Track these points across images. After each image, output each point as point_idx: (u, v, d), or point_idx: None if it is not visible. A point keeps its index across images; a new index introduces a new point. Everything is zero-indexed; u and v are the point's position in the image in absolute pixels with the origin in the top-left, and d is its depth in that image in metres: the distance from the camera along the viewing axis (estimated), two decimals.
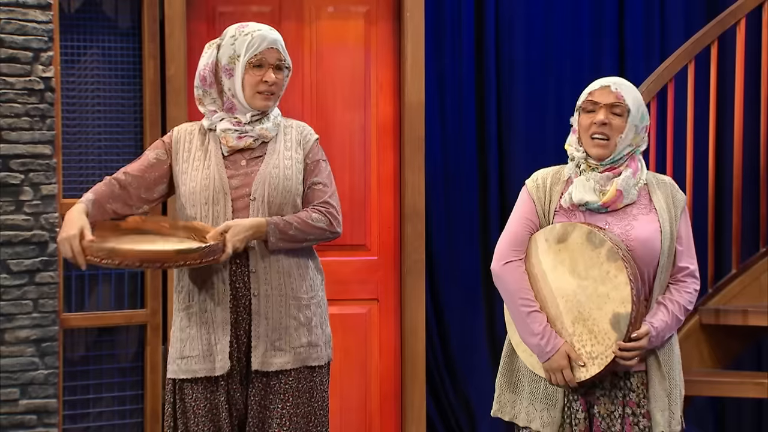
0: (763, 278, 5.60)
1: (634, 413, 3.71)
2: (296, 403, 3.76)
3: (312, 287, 3.82)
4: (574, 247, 3.69)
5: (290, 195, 3.76)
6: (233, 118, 3.79)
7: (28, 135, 5.10)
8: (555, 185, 3.79)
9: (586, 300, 3.67)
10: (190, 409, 3.76)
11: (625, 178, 3.72)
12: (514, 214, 3.84)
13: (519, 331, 3.77)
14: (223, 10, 5.71)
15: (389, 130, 5.90)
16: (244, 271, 3.74)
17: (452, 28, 6.21)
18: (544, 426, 3.75)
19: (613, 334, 3.63)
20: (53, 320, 5.15)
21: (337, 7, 5.84)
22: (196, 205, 3.76)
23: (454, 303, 6.21)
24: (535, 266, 3.75)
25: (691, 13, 6.46)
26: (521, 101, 6.29)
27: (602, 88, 3.74)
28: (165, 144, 3.86)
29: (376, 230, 5.88)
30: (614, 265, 3.62)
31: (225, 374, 3.74)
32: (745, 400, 6.33)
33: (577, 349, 3.67)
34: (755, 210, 5.89)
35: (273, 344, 3.73)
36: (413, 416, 5.88)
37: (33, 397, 5.11)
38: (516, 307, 3.74)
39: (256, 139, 3.78)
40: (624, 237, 3.70)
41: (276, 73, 3.77)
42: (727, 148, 6.11)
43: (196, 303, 3.76)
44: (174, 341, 3.81)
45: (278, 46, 3.78)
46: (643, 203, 3.77)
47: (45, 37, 5.12)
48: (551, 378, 3.70)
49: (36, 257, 5.11)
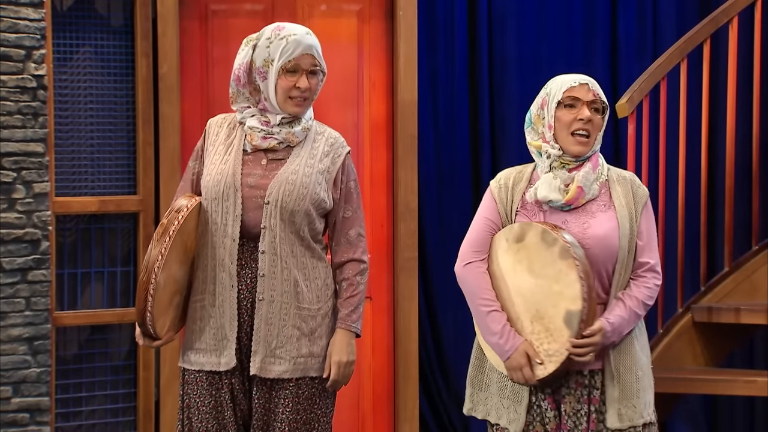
0: (755, 276, 5.61)
1: (598, 410, 3.73)
2: (296, 409, 3.75)
3: (319, 298, 3.79)
4: (531, 246, 3.71)
5: (304, 203, 3.73)
6: (263, 117, 3.77)
7: (21, 133, 5.09)
8: (517, 184, 3.81)
9: (542, 298, 3.70)
10: (194, 404, 3.76)
11: (584, 174, 3.74)
12: (477, 216, 3.87)
13: (480, 331, 3.82)
14: (215, 8, 5.70)
15: (382, 129, 5.90)
16: (252, 273, 3.74)
17: (445, 26, 6.22)
18: (510, 422, 3.77)
19: (566, 331, 3.66)
20: (46, 318, 5.14)
21: (330, 6, 5.84)
22: (208, 200, 3.75)
23: (447, 301, 6.21)
24: (497, 266, 3.79)
25: (684, 11, 6.47)
26: (514, 99, 6.29)
27: (581, 85, 3.75)
28: (199, 145, 3.87)
29: (369, 228, 5.88)
30: (566, 263, 3.65)
31: (229, 372, 3.74)
32: (737, 397, 6.34)
33: (536, 347, 3.70)
34: (747, 208, 5.90)
35: (273, 351, 3.73)
36: (406, 415, 5.89)
37: (25, 395, 5.11)
38: (476, 307, 3.79)
39: (281, 142, 3.76)
40: (581, 235, 3.71)
41: (310, 78, 3.75)
42: (719, 146, 6.11)
43: (206, 296, 3.76)
44: (186, 331, 3.82)
45: (313, 52, 3.76)
46: (603, 200, 3.78)
47: (37, 35, 5.11)
48: (512, 376, 3.74)
49: (28, 255, 5.11)
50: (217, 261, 3.73)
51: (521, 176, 3.83)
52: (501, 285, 3.78)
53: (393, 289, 5.92)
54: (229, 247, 3.72)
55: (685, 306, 5.58)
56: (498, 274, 3.78)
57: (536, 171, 3.81)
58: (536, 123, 3.81)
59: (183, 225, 3.68)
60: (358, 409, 5.90)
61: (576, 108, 3.73)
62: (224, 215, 3.73)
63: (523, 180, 3.81)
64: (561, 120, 3.74)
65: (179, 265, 3.73)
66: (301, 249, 3.75)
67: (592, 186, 3.75)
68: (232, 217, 3.72)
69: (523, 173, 3.84)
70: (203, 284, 3.77)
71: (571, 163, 3.75)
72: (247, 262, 3.73)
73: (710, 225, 6.08)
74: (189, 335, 3.81)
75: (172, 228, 3.66)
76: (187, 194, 3.81)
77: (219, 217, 3.73)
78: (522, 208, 3.78)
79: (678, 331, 5.52)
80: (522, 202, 3.79)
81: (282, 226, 3.72)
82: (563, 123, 3.74)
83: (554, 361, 3.68)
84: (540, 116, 3.80)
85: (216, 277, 3.74)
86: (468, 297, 3.83)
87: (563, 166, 3.75)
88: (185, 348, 3.81)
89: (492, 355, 3.81)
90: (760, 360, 6.47)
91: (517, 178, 3.83)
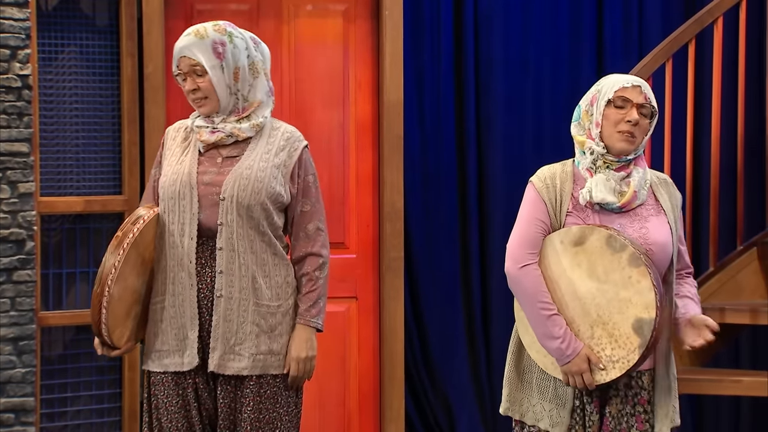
0: (740, 276, 5.62)
1: (645, 411, 3.72)
2: (259, 408, 3.74)
3: (279, 295, 3.80)
4: (592, 250, 3.65)
5: (259, 197, 3.73)
6: (208, 117, 3.81)
7: (6, 133, 5.08)
8: (564, 184, 3.74)
9: (606, 303, 3.64)
10: (162, 405, 3.76)
11: (639, 179, 3.71)
12: (525, 215, 3.77)
13: (537, 334, 3.72)
14: (201, 8, 5.70)
15: (368, 129, 5.90)
16: (212, 271, 3.74)
17: (431, 26, 6.22)
18: (553, 426, 3.73)
19: (635, 338, 3.60)
20: (30, 318, 5.13)
21: (316, 6, 5.84)
22: (164, 199, 3.76)
23: (432, 301, 6.21)
24: (550, 268, 3.71)
25: (669, 11, 6.48)
26: (500, 100, 6.29)
27: (634, 87, 3.70)
28: (159, 153, 3.90)
29: (355, 228, 5.88)
30: (637, 270, 3.60)
31: (192, 371, 3.74)
32: (722, 397, 6.35)
33: (596, 352, 3.67)
34: (732, 208, 5.91)
35: (231, 348, 3.73)
36: (392, 415, 5.88)
37: (10, 395, 5.10)
38: (536, 310, 3.70)
39: (229, 135, 3.77)
40: (642, 240, 3.68)
41: (196, 79, 3.74)
42: (704, 146, 6.13)
43: (166, 297, 3.76)
44: (148, 333, 3.82)
45: (185, 53, 3.73)
46: (650, 203, 3.75)
47: (22, 34, 5.11)
48: (569, 380, 3.67)
49: (13, 255, 5.10)
50: (176, 261, 3.74)
51: (566, 175, 3.76)
52: (554, 287, 3.70)
53: (379, 289, 5.92)
54: (188, 246, 3.73)
55: None
56: (551, 276, 3.71)
57: (577, 168, 3.76)
58: (584, 119, 3.76)
59: (139, 237, 3.68)
60: (344, 409, 5.90)
61: (625, 109, 3.69)
62: (181, 214, 3.74)
63: (568, 180, 3.75)
64: (609, 118, 3.70)
65: (137, 277, 3.73)
66: (261, 245, 3.76)
67: (642, 191, 3.72)
68: (189, 216, 3.73)
69: (565, 172, 3.77)
70: (162, 285, 3.77)
71: (614, 164, 3.71)
72: (207, 260, 3.74)
73: (695, 225, 6.10)
74: (151, 337, 3.81)
75: (126, 240, 3.66)
76: (146, 204, 3.83)
77: (176, 217, 3.74)
78: (573, 209, 3.73)
79: None
80: (572, 203, 3.73)
81: (239, 221, 3.73)
82: (611, 121, 3.69)
83: (618, 368, 3.63)
84: (588, 112, 3.75)
85: (175, 277, 3.74)
86: (524, 299, 3.73)
87: (607, 166, 3.71)
88: (148, 350, 3.81)
89: (540, 357, 3.74)
90: (745, 360, 6.48)
91: (562, 177, 3.76)
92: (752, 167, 6.08)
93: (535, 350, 3.76)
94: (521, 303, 3.76)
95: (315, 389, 5.76)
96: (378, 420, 5.93)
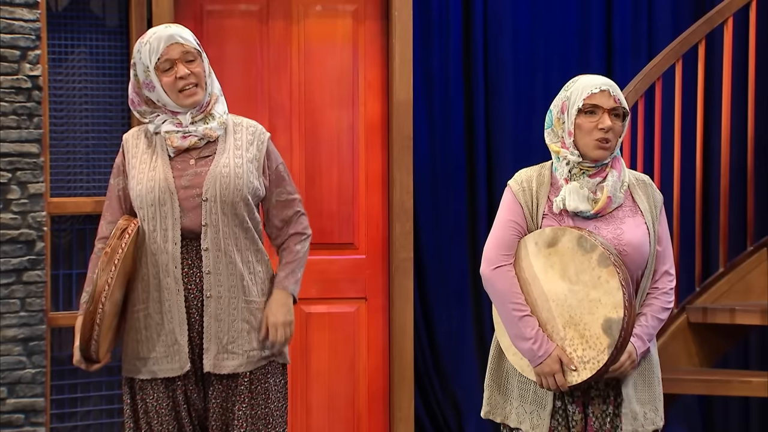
0: (750, 277, 5.61)
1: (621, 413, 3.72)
2: (252, 404, 3.77)
3: (263, 291, 3.82)
4: (564, 251, 3.66)
5: (242, 193, 3.75)
6: (175, 119, 3.78)
7: (16, 134, 5.09)
8: (541, 188, 3.74)
9: (577, 304, 3.65)
10: (152, 409, 3.77)
11: (612, 183, 3.69)
12: (501, 218, 3.78)
13: (510, 336, 3.74)
14: (210, 8, 5.70)
15: (377, 129, 5.90)
16: (199, 272, 3.74)
17: (440, 26, 6.22)
18: (534, 428, 3.73)
19: (605, 338, 3.61)
20: (41, 319, 5.14)
21: (325, 6, 5.84)
22: (143, 207, 3.75)
23: (442, 301, 6.21)
24: (524, 270, 3.72)
25: (679, 11, 6.47)
26: (509, 100, 6.29)
27: (602, 91, 3.66)
28: (119, 161, 3.87)
29: (364, 229, 5.88)
30: (606, 270, 3.60)
31: (182, 375, 3.75)
32: (732, 398, 6.34)
33: (568, 353, 3.67)
34: (742, 208, 5.90)
35: (225, 347, 3.74)
36: (401, 415, 5.88)
37: (20, 396, 5.10)
38: (508, 311, 3.71)
39: (201, 138, 3.77)
40: (616, 242, 3.67)
41: (189, 65, 3.74)
42: (714, 146, 6.12)
43: (149, 304, 3.76)
44: (129, 341, 3.80)
45: (177, 39, 3.74)
46: (628, 205, 3.74)
47: (32, 35, 5.11)
48: (542, 382, 3.68)
49: (23, 256, 5.10)
50: (160, 267, 3.73)
51: (542, 179, 3.75)
52: (528, 289, 3.71)
53: (388, 290, 5.92)
54: (172, 252, 3.73)
55: (680, 307, 5.58)
56: (525, 278, 3.72)
57: (554, 173, 3.74)
58: (556, 126, 3.74)
59: (126, 252, 3.68)
60: (354, 410, 5.90)
61: (597, 115, 3.65)
62: (162, 220, 3.73)
63: (545, 183, 3.74)
64: (582, 127, 3.66)
65: (119, 290, 3.74)
66: (245, 242, 3.78)
67: (618, 194, 3.70)
68: (171, 221, 3.73)
69: (543, 175, 3.76)
70: (144, 293, 3.77)
71: (591, 169, 3.69)
72: (193, 261, 3.75)
73: (705, 225, 6.09)
74: (134, 345, 3.79)
75: (116, 256, 3.65)
76: (124, 217, 3.79)
77: (157, 224, 3.74)
78: (549, 212, 3.72)
79: (673, 331, 5.51)
80: (548, 206, 3.72)
81: (225, 220, 3.74)
82: (584, 131, 3.66)
83: (589, 368, 3.63)
84: (560, 120, 3.73)
85: (160, 283, 3.74)
86: (497, 301, 3.74)
87: (583, 173, 3.69)
88: (131, 358, 3.80)
89: (517, 360, 3.75)
90: (755, 360, 6.47)
91: (538, 180, 3.75)
92: (762, 168, 6.08)
93: (512, 353, 3.76)
94: (495, 304, 3.78)
95: (324, 389, 5.77)
96: (387, 420, 5.93)
